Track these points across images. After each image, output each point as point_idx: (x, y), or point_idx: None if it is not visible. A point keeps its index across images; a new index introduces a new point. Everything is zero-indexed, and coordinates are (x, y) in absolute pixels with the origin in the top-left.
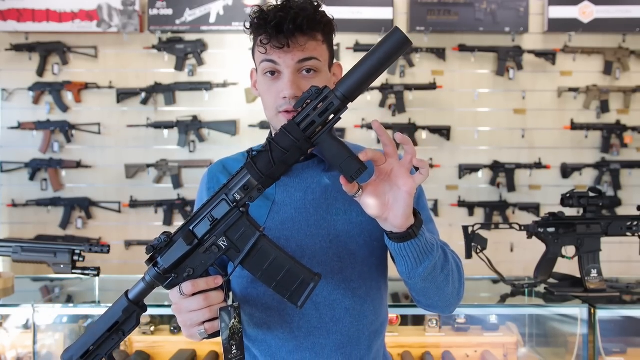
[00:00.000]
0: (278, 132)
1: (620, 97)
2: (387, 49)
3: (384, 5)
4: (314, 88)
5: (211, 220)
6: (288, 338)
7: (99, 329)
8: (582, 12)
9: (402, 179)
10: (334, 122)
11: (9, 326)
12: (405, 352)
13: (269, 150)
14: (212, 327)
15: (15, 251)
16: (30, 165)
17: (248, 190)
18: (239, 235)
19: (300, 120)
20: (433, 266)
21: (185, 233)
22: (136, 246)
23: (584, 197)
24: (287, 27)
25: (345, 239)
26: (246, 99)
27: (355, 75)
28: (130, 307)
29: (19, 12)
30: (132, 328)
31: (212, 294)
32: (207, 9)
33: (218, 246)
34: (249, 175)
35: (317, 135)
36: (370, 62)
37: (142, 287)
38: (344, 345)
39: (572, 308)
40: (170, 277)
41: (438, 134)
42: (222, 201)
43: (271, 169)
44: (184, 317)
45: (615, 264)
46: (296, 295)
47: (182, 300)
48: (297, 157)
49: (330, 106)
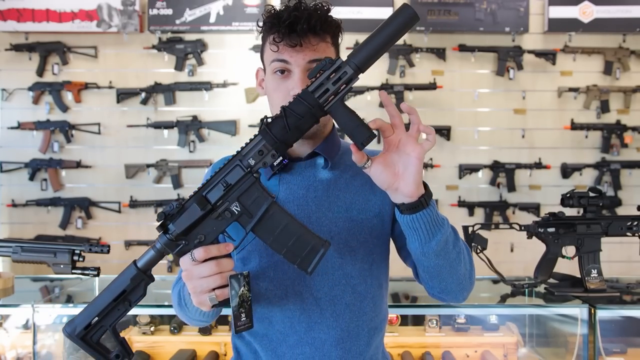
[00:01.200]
0: (293, 100)
1: (620, 97)
2: (397, 24)
3: (384, 5)
4: (328, 59)
5: (225, 186)
6: (289, 333)
7: (105, 298)
8: (582, 12)
9: (410, 145)
10: (347, 90)
11: (9, 326)
12: (405, 352)
13: (283, 116)
14: (222, 293)
15: (15, 251)
16: (30, 165)
17: (262, 156)
18: (252, 201)
19: (314, 88)
20: (445, 240)
21: (199, 198)
22: (136, 246)
23: (584, 197)
24: (300, 27)
25: (346, 236)
26: (246, 99)
27: (367, 48)
28: (139, 275)
29: (18, 12)
30: (139, 298)
31: (223, 260)
32: (207, 8)
33: (231, 211)
34: (263, 141)
35: (330, 102)
36: (381, 35)
37: (151, 255)
38: (344, 341)
39: (572, 308)
40: (180, 244)
41: (438, 134)
42: (236, 167)
43: (286, 134)
44: (195, 283)
45: (615, 264)
46: (306, 261)
47: (194, 266)
48: (310, 123)
49: (343, 75)
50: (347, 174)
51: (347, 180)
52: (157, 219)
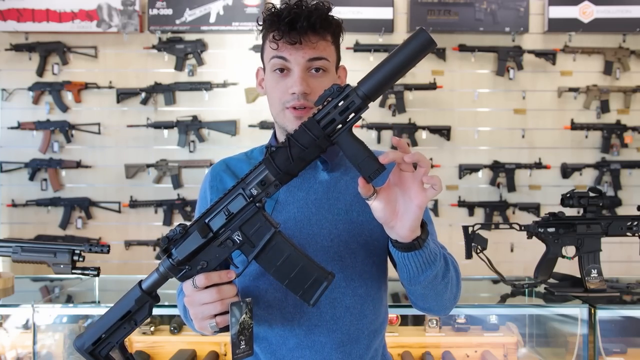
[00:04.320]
0: (297, 129)
1: (620, 97)
2: (411, 50)
3: (384, 5)
4: (336, 86)
5: (227, 214)
6: (288, 335)
7: (112, 317)
8: (582, 12)
9: (414, 190)
10: (354, 121)
11: (9, 326)
12: (405, 352)
13: (287, 146)
14: (223, 320)
15: (15, 251)
16: (30, 165)
17: (265, 186)
18: (254, 230)
19: (321, 117)
20: (434, 275)
21: (201, 226)
22: (136, 246)
23: (584, 197)
24: (300, 25)
25: (346, 238)
26: (246, 99)
27: (378, 75)
28: (143, 297)
29: (19, 12)
30: (144, 318)
31: (224, 287)
32: (207, 8)
33: (233, 240)
34: (266, 170)
35: (336, 133)
36: (393, 62)
37: (155, 278)
38: (344, 344)
39: (572, 308)
40: (183, 269)
41: (438, 134)
42: (239, 195)
43: (289, 165)
44: (196, 310)
45: (615, 264)
46: (309, 293)
47: (195, 292)
48: (316, 154)
49: (352, 105)
50: (347, 176)
51: (347, 182)
52: (160, 244)
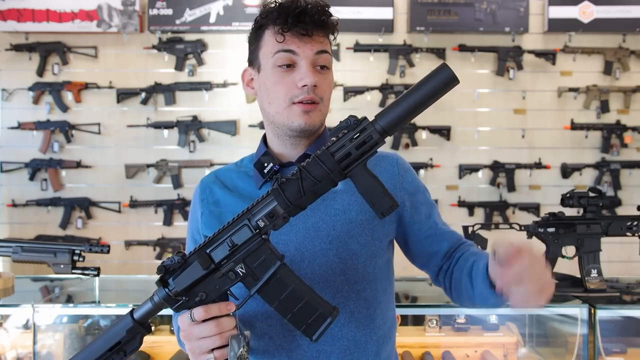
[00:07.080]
0: (310, 161)
1: (620, 97)
2: (433, 87)
3: (384, 5)
4: (353, 118)
5: (230, 246)
6: (291, 347)
7: (100, 346)
8: (582, 12)
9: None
10: (369, 155)
11: (9, 326)
12: (405, 352)
13: (299, 178)
14: (221, 355)
15: (15, 251)
16: (30, 165)
17: (273, 219)
18: (258, 263)
19: (335, 150)
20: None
21: (202, 256)
22: (136, 246)
23: (584, 197)
24: (310, 17)
25: (346, 239)
26: (246, 99)
27: (397, 110)
28: (135, 327)
29: (19, 12)
30: (134, 349)
31: (224, 320)
32: (207, 9)
33: (235, 272)
34: (275, 202)
35: (351, 168)
36: (414, 97)
37: (149, 308)
38: (351, 352)
39: (572, 308)
40: (180, 299)
41: (438, 134)
42: (244, 227)
43: (300, 198)
44: (194, 345)
45: (615, 264)
46: (312, 328)
47: (193, 326)
48: (328, 188)
49: (368, 139)
50: None
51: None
52: (157, 272)
